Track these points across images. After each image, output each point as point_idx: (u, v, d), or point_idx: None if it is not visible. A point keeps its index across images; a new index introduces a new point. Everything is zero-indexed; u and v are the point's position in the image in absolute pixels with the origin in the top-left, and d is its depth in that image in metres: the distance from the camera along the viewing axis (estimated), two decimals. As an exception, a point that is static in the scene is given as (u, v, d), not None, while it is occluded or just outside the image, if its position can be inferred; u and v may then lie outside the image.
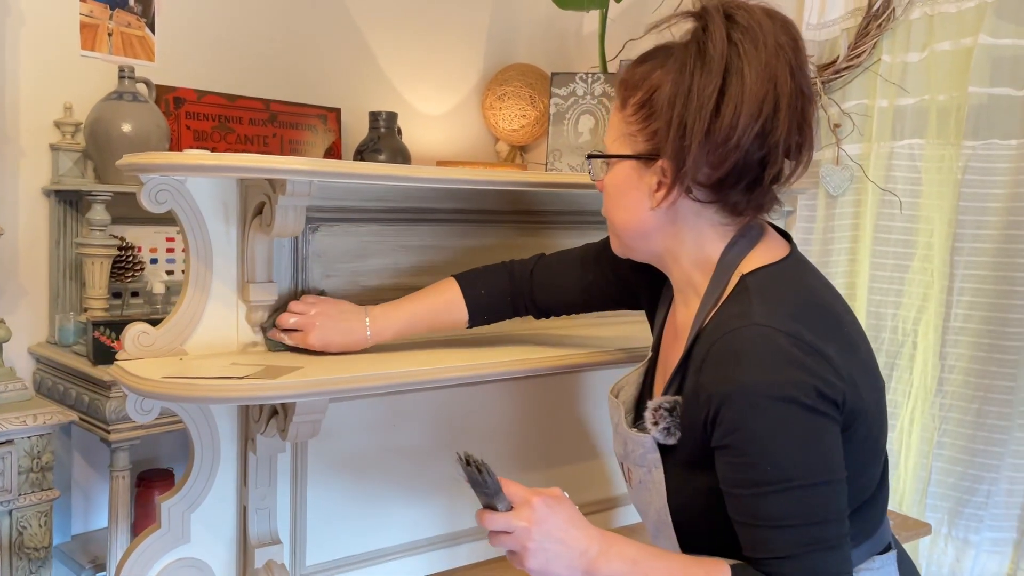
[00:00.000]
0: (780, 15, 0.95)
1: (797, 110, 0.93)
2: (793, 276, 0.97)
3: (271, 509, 1.33)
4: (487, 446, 1.59)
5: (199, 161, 1.11)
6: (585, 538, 0.92)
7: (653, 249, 1.03)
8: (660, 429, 0.97)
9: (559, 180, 1.50)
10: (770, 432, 0.86)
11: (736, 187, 0.95)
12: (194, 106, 2.57)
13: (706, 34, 0.93)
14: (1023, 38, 2.24)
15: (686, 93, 0.92)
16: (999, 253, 2.24)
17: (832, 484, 0.87)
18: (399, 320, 1.26)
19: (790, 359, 0.87)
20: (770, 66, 0.91)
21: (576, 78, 2.95)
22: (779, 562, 0.86)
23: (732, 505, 0.90)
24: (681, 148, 0.93)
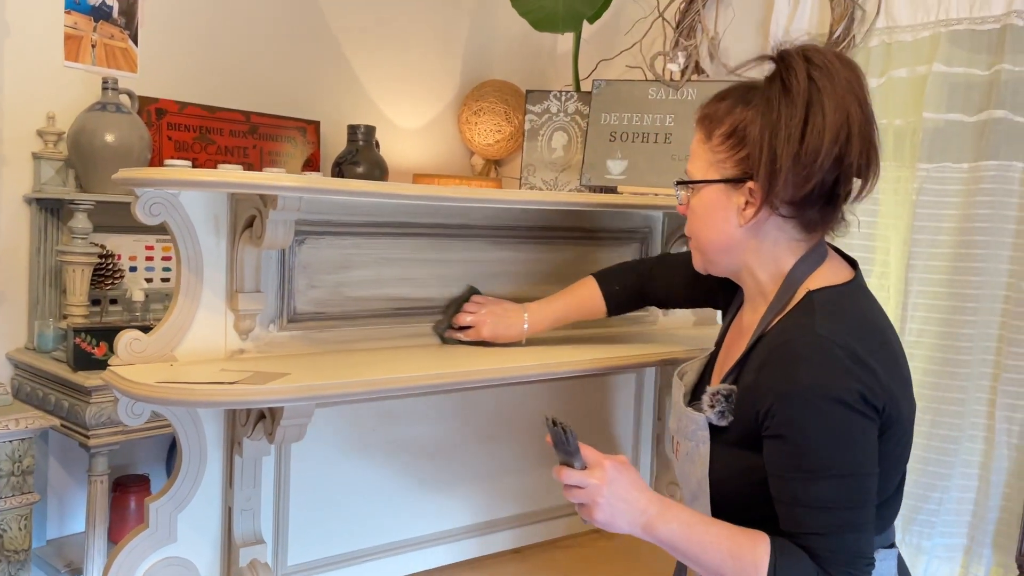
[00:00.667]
0: (846, 57, 1.11)
1: (865, 136, 1.08)
2: (853, 299, 1.11)
3: (255, 510, 1.39)
4: (466, 450, 1.66)
5: (195, 176, 1.17)
6: (646, 500, 1.07)
7: (734, 263, 1.17)
8: (715, 412, 1.11)
9: (534, 198, 1.57)
10: (819, 427, 1.00)
11: (815, 205, 1.10)
12: (175, 117, 2.62)
13: (789, 74, 1.07)
14: (973, 67, 2.37)
15: (774, 124, 1.07)
16: (952, 271, 2.36)
17: (866, 476, 1.02)
18: (550, 315, 1.53)
19: (842, 367, 1.01)
20: (843, 99, 1.05)
21: (550, 96, 3.04)
22: (814, 537, 1.01)
23: (777, 487, 1.04)
24: (772, 171, 1.07)
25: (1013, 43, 2.29)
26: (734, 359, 1.16)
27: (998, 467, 2.31)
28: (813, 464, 1.01)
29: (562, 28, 2.77)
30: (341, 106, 3.18)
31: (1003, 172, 2.31)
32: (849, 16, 2.57)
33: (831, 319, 1.06)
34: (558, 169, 3.05)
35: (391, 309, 1.53)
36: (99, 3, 2.53)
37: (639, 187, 2.76)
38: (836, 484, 1.00)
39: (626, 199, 1.77)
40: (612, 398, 1.91)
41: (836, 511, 1.01)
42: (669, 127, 2.74)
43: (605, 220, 1.84)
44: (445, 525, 1.65)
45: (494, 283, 1.67)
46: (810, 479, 1.01)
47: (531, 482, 1.78)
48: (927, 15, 2.45)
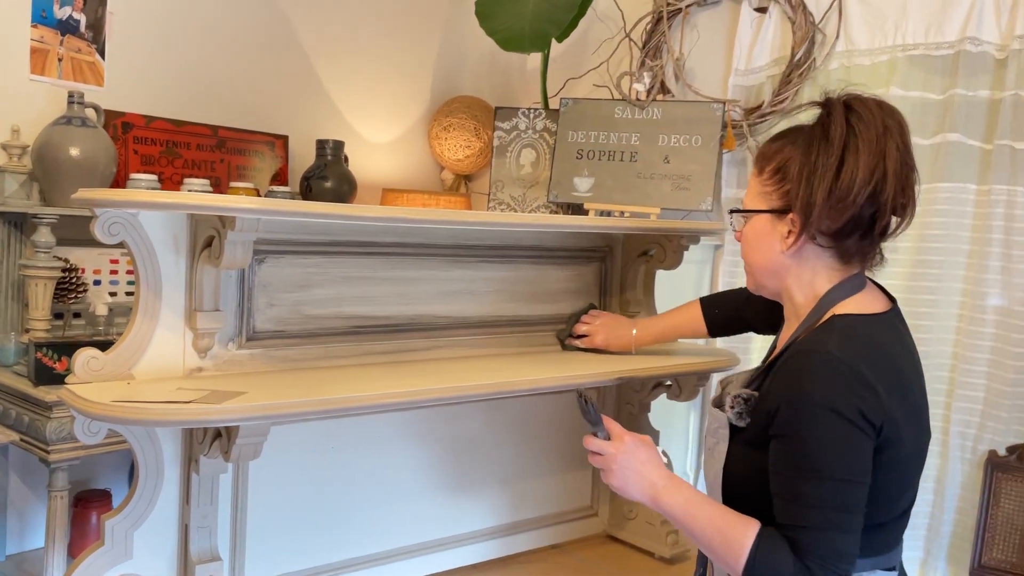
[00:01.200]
0: (888, 104, 1.21)
1: (902, 177, 1.17)
2: (875, 329, 1.19)
3: (212, 527, 1.39)
4: (426, 467, 1.67)
5: (154, 198, 1.18)
6: (656, 475, 1.22)
7: (778, 285, 1.28)
8: (734, 412, 1.22)
9: (492, 219, 1.60)
10: (816, 432, 1.10)
11: (851, 236, 1.19)
12: (142, 131, 2.61)
13: (830, 119, 1.18)
14: (929, 91, 2.43)
15: (812, 164, 1.18)
16: (907, 290, 2.41)
17: (854, 483, 1.10)
18: (656, 330, 1.75)
19: (845, 384, 1.11)
20: (879, 143, 1.15)
21: (519, 113, 3.08)
22: (800, 530, 1.10)
23: (775, 481, 1.14)
24: (808, 204, 1.18)
25: (966, 68, 2.35)
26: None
27: (952, 481, 2.37)
28: (806, 464, 1.10)
29: (528, 48, 2.80)
30: (310, 120, 3.19)
31: (957, 194, 2.37)
32: (810, 39, 2.63)
33: (845, 341, 1.15)
34: (526, 185, 3.08)
35: (351, 327, 1.55)
36: (66, 17, 2.53)
37: (605, 204, 2.80)
38: (824, 485, 1.09)
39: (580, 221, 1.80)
40: (569, 414, 1.93)
41: (821, 509, 1.09)
42: (635, 145, 2.79)
43: (566, 239, 1.87)
44: (403, 541, 1.66)
45: (454, 302, 1.69)
46: (802, 477, 1.10)
47: (492, 498, 1.80)
48: (884, 40, 2.51)
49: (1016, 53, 2.27)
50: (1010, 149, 2.27)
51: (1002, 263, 2.29)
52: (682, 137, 2.73)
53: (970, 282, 2.36)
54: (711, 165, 2.67)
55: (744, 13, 2.78)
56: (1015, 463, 2.26)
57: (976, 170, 2.36)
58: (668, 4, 2.94)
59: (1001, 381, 2.28)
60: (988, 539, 2.28)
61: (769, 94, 2.72)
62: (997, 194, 2.30)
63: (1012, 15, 2.30)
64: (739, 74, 2.81)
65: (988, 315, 2.32)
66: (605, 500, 1.99)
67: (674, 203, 2.70)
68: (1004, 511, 2.26)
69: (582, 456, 1.95)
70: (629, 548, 1.91)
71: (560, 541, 1.92)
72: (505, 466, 1.82)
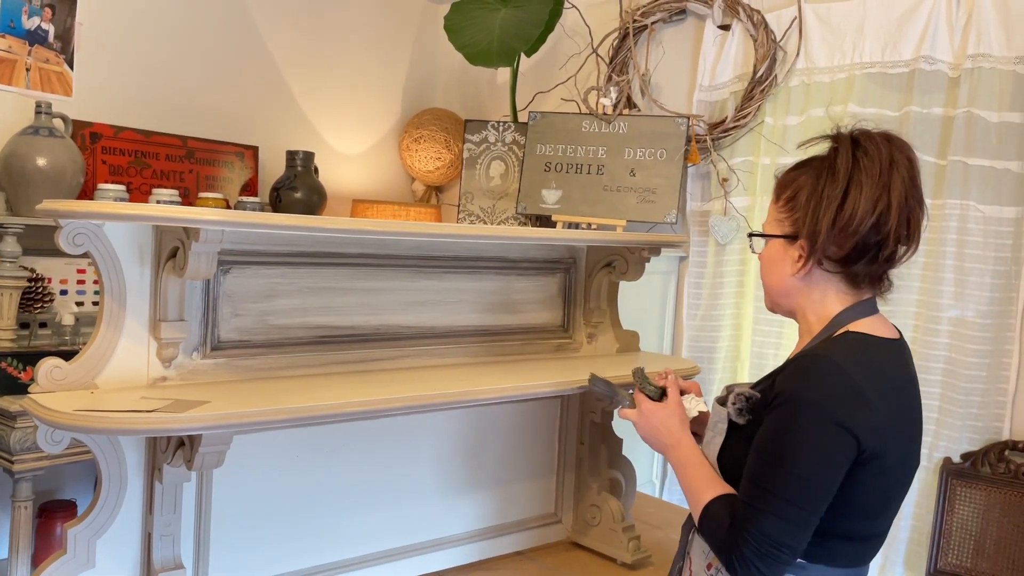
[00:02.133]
0: (898, 139, 1.27)
1: (906, 209, 1.23)
2: (884, 352, 1.25)
3: (175, 535, 1.40)
4: (388, 475, 1.69)
5: (119, 210, 1.20)
6: (667, 434, 1.38)
7: (791, 305, 1.35)
8: (735, 408, 1.29)
9: (456, 231, 1.63)
10: (794, 431, 1.17)
11: (858, 263, 1.25)
12: (111, 141, 2.62)
13: (837, 153, 1.25)
14: (885, 107, 2.50)
15: (819, 194, 1.25)
16: (864, 301, 2.47)
17: (816, 485, 1.15)
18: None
19: (839, 393, 1.17)
20: (884, 177, 1.22)
21: (488, 126, 3.12)
22: (748, 506, 1.18)
23: (749, 462, 1.22)
24: (814, 232, 1.25)
25: (921, 86, 2.43)
26: None
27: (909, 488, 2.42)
28: (778, 453, 1.17)
29: (496, 63, 2.84)
30: (280, 131, 3.21)
31: (912, 208, 2.44)
32: (771, 57, 2.70)
33: (851, 354, 1.21)
34: (495, 197, 3.12)
35: (316, 337, 1.57)
36: (35, 27, 2.54)
37: (572, 216, 2.85)
38: (786, 477, 1.15)
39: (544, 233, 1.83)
40: (535, 422, 1.96)
41: (775, 496, 1.15)
42: (602, 159, 2.84)
43: (530, 251, 1.90)
44: (367, 549, 1.68)
45: (420, 312, 1.72)
46: (770, 463, 1.17)
47: (456, 505, 1.82)
48: (843, 58, 2.58)
49: (968, 72, 2.34)
50: (963, 165, 2.35)
51: (955, 275, 2.36)
52: (647, 151, 2.78)
53: (925, 293, 2.43)
54: (676, 178, 2.72)
55: (708, 30, 2.85)
56: (969, 470, 2.32)
57: (930, 185, 2.42)
58: (634, 21, 2.99)
59: (955, 390, 2.35)
60: (943, 544, 2.34)
61: (732, 109, 2.78)
62: (951, 208, 2.37)
63: (964, 35, 2.37)
64: (703, 90, 2.87)
65: (943, 326, 2.38)
66: (569, 507, 2.02)
67: (639, 215, 2.75)
68: (959, 517, 2.32)
69: (546, 464, 1.99)
70: (592, 554, 1.94)
71: (524, 548, 1.94)
72: (469, 474, 1.84)
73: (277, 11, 3.18)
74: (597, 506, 1.95)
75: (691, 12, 2.95)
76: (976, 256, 2.34)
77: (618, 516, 1.91)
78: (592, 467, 1.99)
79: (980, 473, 2.30)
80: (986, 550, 2.28)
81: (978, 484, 2.30)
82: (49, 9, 2.56)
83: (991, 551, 2.27)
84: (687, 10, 2.95)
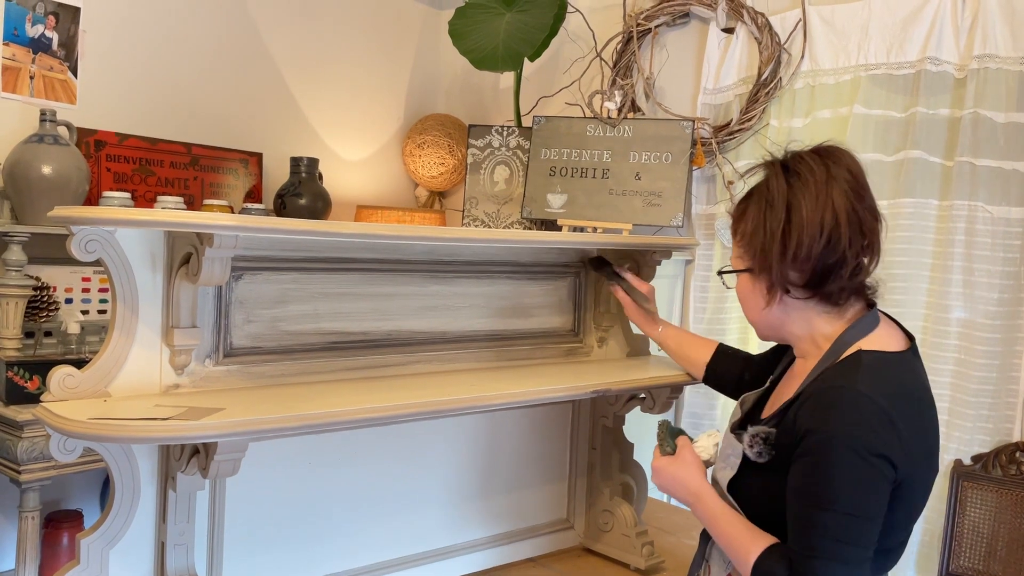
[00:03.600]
0: (833, 151, 1.24)
1: (855, 222, 1.20)
2: (899, 368, 1.22)
3: (188, 544, 1.39)
4: (404, 481, 1.68)
5: (133, 216, 1.19)
6: (684, 491, 1.33)
7: (778, 335, 1.34)
8: (754, 452, 1.25)
9: (468, 235, 1.62)
10: (836, 467, 1.13)
11: (824, 285, 1.22)
12: (115, 149, 2.61)
13: (769, 182, 1.24)
14: (891, 109, 2.50)
15: (762, 227, 1.23)
16: (872, 303, 2.47)
17: (867, 520, 1.13)
18: (672, 335, 1.77)
19: (871, 424, 1.14)
20: (822, 196, 1.19)
21: (492, 131, 3.11)
22: (805, 557, 1.14)
23: (791, 505, 1.18)
24: (766, 265, 1.23)
25: (926, 87, 2.42)
26: (785, 398, 1.29)
27: (922, 492, 2.41)
28: (823, 495, 1.13)
29: (501, 67, 2.84)
30: (284, 138, 3.20)
31: (920, 209, 2.44)
32: (776, 59, 2.69)
33: (873, 379, 1.17)
34: (500, 202, 3.11)
35: (328, 343, 1.56)
36: (38, 35, 2.53)
37: (578, 220, 2.84)
38: (838, 518, 1.12)
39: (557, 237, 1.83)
40: (546, 427, 1.95)
41: (830, 540, 1.12)
42: (607, 163, 2.83)
43: (541, 255, 1.89)
44: (381, 556, 1.67)
45: (431, 317, 1.71)
46: (817, 507, 1.13)
47: (469, 512, 1.81)
48: (848, 60, 2.58)
49: (974, 72, 2.34)
50: (970, 166, 2.34)
51: (964, 276, 2.36)
52: (652, 154, 2.77)
53: (934, 295, 2.42)
54: (681, 182, 2.72)
55: (712, 33, 2.85)
56: (980, 472, 2.31)
57: (938, 186, 2.42)
58: (638, 24, 2.99)
59: (965, 392, 2.34)
60: (955, 547, 2.33)
61: (737, 112, 2.78)
62: (958, 209, 2.36)
63: (970, 36, 2.37)
64: (707, 93, 2.87)
65: (952, 327, 2.38)
66: (581, 512, 2.00)
67: (645, 219, 2.74)
68: (970, 519, 2.31)
69: (558, 469, 1.98)
70: (605, 560, 1.93)
71: (536, 554, 1.93)
72: (482, 480, 1.83)
73: (280, 18, 3.18)
74: (610, 511, 1.94)
75: (695, 15, 2.95)
76: (984, 257, 2.33)
77: (631, 521, 1.90)
78: (604, 472, 1.98)
79: (991, 475, 2.29)
80: (998, 552, 2.27)
81: (989, 486, 2.29)
82: (53, 17, 2.56)
83: (1003, 553, 2.26)
84: (691, 13, 2.95)
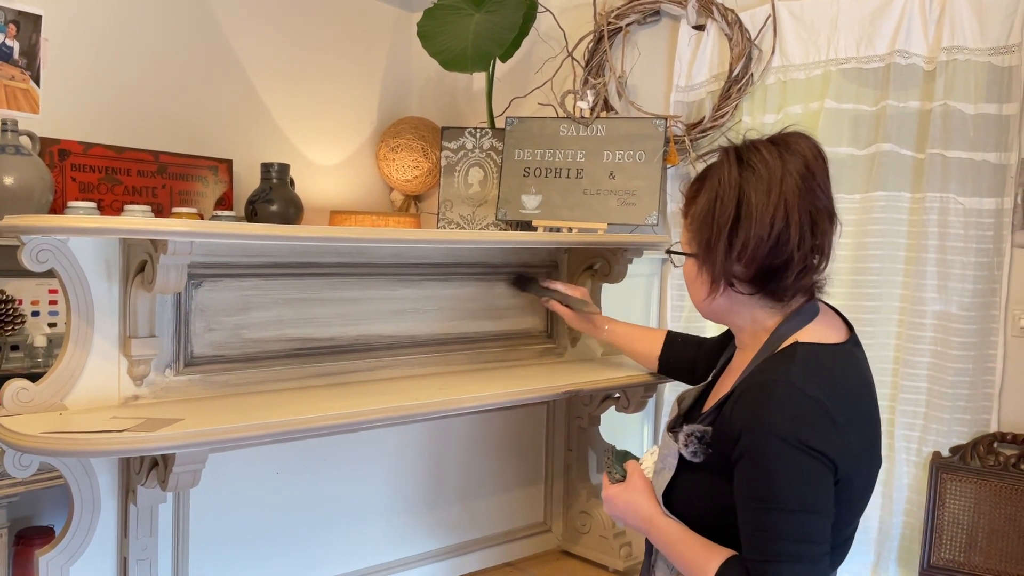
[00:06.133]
0: (792, 142, 1.17)
1: (808, 222, 1.15)
2: (835, 359, 1.18)
3: (152, 559, 1.36)
4: (371, 489, 1.65)
5: (82, 223, 1.16)
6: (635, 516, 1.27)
7: (724, 321, 1.29)
8: (689, 451, 1.20)
9: (431, 237, 1.60)
10: (777, 465, 1.09)
11: (769, 283, 1.18)
12: (80, 158, 2.57)
13: (722, 174, 1.17)
14: (862, 103, 2.50)
15: (711, 221, 1.17)
16: (848, 297, 2.46)
17: (818, 514, 1.10)
18: (621, 333, 1.74)
19: (808, 417, 1.10)
20: (775, 193, 1.13)
21: (465, 132, 3.09)
22: (764, 563, 1.09)
23: (741, 513, 1.13)
24: (711, 259, 1.18)
25: (896, 80, 2.42)
26: (722, 394, 1.25)
27: (899, 484, 2.41)
28: (769, 496, 1.09)
29: (471, 68, 2.82)
30: (254, 144, 3.16)
31: (892, 202, 2.44)
32: (747, 55, 2.69)
33: (808, 372, 1.13)
34: (475, 204, 3.09)
35: (293, 350, 1.53)
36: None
37: (553, 221, 2.82)
38: (789, 517, 1.08)
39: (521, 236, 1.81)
40: (522, 430, 1.93)
41: (786, 541, 1.08)
42: (580, 162, 2.81)
43: (512, 256, 1.87)
44: (354, 566, 1.64)
45: (400, 321, 1.68)
46: (765, 509, 1.09)
47: (444, 517, 1.78)
48: (818, 54, 2.58)
49: (943, 65, 2.34)
50: (941, 158, 2.34)
51: (938, 268, 2.36)
52: (626, 153, 2.76)
53: (908, 288, 2.42)
54: (655, 180, 2.71)
55: (683, 31, 2.84)
56: (959, 463, 2.31)
57: (910, 179, 2.42)
58: (608, 23, 2.98)
59: (942, 384, 2.34)
60: (936, 540, 2.32)
61: (710, 109, 2.77)
62: (931, 201, 2.36)
63: (938, 28, 2.37)
64: (680, 90, 2.86)
65: (927, 319, 2.37)
66: (558, 515, 1.98)
67: (620, 218, 2.73)
68: (950, 511, 2.31)
69: (534, 471, 1.95)
70: (583, 562, 1.91)
71: (514, 558, 1.91)
72: (457, 485, 1.80)
73: (248, 22, 3.15)
74: (587, 513, 1.92)
75: (665, 13, 2.94)
76: (958, 248, 2.33)
77: (608, 522, 1.88)
78: (580, 473, 1.96)
79: (970, 466, 2.29)
80: (978, 543, 2.27)
81: (968, 477, 2.29)
82: (13, 26, 2.52)
83: (983, 544, 2.26)
84: (661, 11, 2.94)
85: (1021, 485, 2.22)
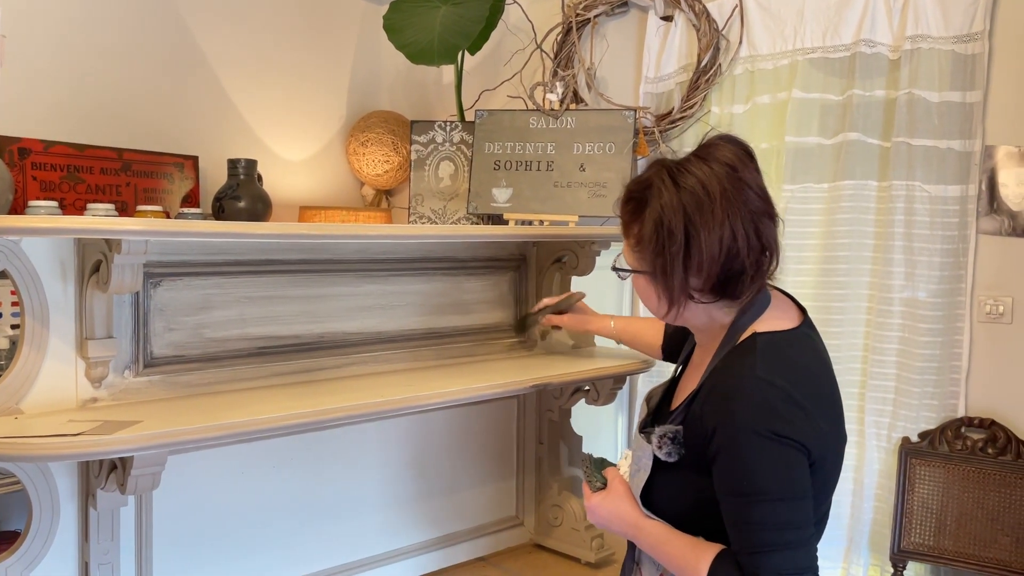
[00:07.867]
0: (718, 152, 1.18)
1: (753, 232, 1.17)
2: (794, 346, 1.21)
3: (114, 563, 1.34)
4: (339, 487, 1.64)
5: (32, 224, 1.13)
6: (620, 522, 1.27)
7: (682, 324, 1.29)
8: (664, 452, 1.21)
9: (395, 232, 1.58)
10: (753, 457, 1.12)
11: (727, 289, 1.19)
12: (41, 156, 2.52)
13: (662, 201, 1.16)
14: (828, 92, 2.51)
15: (661, 250, 1.17)
16: (817, 286, 2.48)
17: (799, 499, 1.12)
18: (627, 326, 1.75)
19: (776, 407, 1.12)
20: (717, 208, 1.14)
21: (435, 126, 3.07)
22: (751, 555, 1.11)
23: (724, 509, 1.15)
24: (668, 284, 1.19)
25: (862, 70, 2.43)
26: (689, 390, 1.26)
27: (870, 470, 2.43)
28: (750, 489, 1.11)
29: (438, 61, 2.80)
30: (221, 140, 3.12)
31: (860, 191, 2.45)
32: (715, 46, 2.69)
33: (770, 362, 1.16)
34: (446, 198, 3.07)
35: (256, 348, 1.51)
36: (-47, 40, 2.43)
37: (524, 214, 2.81)
38: (770, 507, 1.11)
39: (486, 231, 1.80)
40: (492, 424, 1.92)
41: (770, 531, 1.11)
42: (551, 155, 2.80)
43: (479, 250, 1.86)
44: (324, 564, 1.63)
45: (366, 317, 1.67)
46: (748, 502, 1.12)
47: (416, 513, 1.77)
48: (785, 44, 2.58)
49: (908, 54, 2.35)
50: (907, 146, 2.36)
51: (905, 256, 2.37)
52: (596, 145, 2.75)
53: (876, 275, 2.43)
54: (626, 172, 2.70)
55: (651, 22, 2.83)
56: (927, 448, 2.33)
57: (876, 167, 2.43)
58: (577, 15, 2.97)
59: (910, 370, 2.36)
60: (905, 524, 2.35)
61: (679, 100, 2.77)
62: (897, 189, 2.37)
63: (903, 17, 2.38)
64: (649, 82, 2.86)
65: (895, 307, 2.39)
66: (530, 509, 1.98)
67: (591, 210, 2.72)
68: (919, 495, 2.33)
69: (506, 466, 1.95)
70: (556, 555, 1.91)
71: (487, 553, 1.90)
72: (428, 480, 1.79)
73: (213, 15, 3.10)
74: (559, 506, 1.92)
75: (633, 4, 2.94)
76: (924, 236, 2.35)
77: (580, 515, 1.88)
78: (552, 466, 1.96)
79: (938, 451, 2.31)
80: (948, 527, 2.29)
81: (937, 462, 2.31)
82: (-31, 22, 2.46)
83: (952, 528, 2.28)
84: (629, 2, 2.93)
85: (988, 469, 2.24)
